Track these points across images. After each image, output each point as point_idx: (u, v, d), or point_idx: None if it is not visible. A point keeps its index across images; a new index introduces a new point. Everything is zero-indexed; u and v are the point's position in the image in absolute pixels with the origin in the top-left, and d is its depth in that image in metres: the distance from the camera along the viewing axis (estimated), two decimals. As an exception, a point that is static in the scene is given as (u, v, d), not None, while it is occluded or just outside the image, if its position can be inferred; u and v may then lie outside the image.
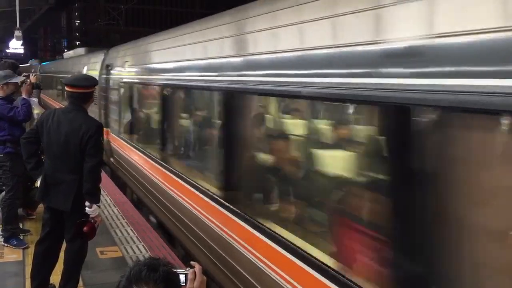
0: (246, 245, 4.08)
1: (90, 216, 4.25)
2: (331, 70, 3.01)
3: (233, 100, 4.37)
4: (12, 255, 5.63)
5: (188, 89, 6.00)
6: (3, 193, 6.07)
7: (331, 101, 3.27)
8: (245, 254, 4.06)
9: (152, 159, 7.01)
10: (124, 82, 9.06)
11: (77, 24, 67.97)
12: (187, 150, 6.35)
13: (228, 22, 4.72)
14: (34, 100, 7.30)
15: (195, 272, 2.02)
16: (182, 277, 1.99)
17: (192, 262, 2.10)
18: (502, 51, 1.97)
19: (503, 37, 1.95)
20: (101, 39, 43.29)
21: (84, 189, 4.22)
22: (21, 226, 6.33)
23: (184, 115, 6.48)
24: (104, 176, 8.15)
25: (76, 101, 4.44)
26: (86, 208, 4.24)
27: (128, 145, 8.63)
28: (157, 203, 6.76)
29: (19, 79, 6.04)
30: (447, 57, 2.21)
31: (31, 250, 5.02)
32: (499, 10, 2.00)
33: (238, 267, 4.22)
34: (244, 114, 4.41)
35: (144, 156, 7.50)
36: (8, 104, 5.81)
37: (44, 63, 28.58)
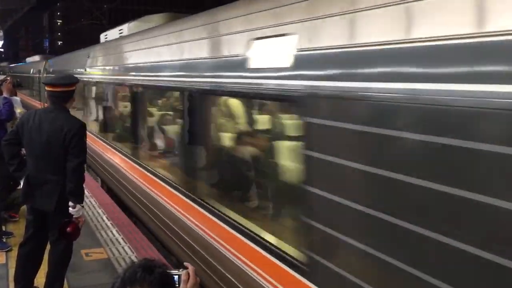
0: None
1: (74, 216, 4.19)
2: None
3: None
4: (-6, 258, 5.52)
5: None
6: None
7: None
8: None
9: None
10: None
11: (59, 24, 67.25)
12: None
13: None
14: (17, 99, 7.17)
15: (188, 273, 2.01)
16: (175, 278, 1.97)
17: (185, 263, 2.09)
18: None
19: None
20: (84, 39, 42.93)
21: (67, 189, 4.15)
22: (3, 229, 6.22)
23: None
24: (87, 176, 8.05)
25: (56, 100, 4.37)
26: (70, 208, 4.17)
27: None
28: None
29: None
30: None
31: (14, 253, 4.92)
32: None
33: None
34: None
35: None
36: None
37: (12, 65, 35.06)
